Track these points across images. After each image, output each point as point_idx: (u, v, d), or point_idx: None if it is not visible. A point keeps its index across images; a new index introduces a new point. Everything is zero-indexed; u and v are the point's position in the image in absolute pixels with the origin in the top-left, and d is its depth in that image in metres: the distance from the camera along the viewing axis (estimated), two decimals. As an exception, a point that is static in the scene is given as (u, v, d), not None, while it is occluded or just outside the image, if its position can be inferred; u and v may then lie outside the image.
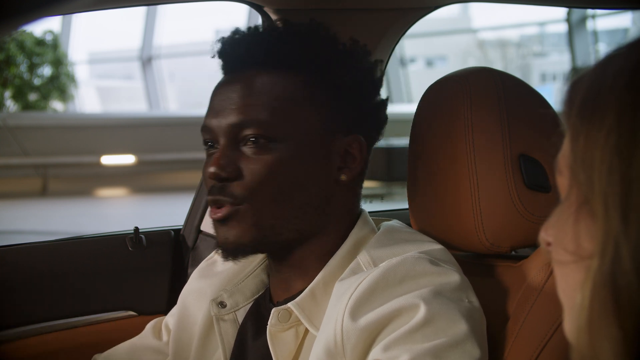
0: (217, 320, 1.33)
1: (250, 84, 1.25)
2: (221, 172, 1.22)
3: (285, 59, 1.26)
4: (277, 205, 1.23)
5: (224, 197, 1.23)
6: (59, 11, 1.31)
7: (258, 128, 1.22)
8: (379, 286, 1.13)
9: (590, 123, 0.66)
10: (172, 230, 1.96)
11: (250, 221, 1.22)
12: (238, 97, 1.25)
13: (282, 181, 1.23)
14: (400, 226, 1.31)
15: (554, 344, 1.15)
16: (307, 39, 1.28)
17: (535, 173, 1.27)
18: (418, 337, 1.07)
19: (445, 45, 20.46)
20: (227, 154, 1.24)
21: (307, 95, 1.25)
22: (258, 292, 1.37)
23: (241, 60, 1.28)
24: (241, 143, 1.24)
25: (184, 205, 2.09)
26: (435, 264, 1.17)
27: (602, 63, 0.68)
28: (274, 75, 1.25)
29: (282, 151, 1.22)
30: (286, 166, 1.23)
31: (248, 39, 1.29)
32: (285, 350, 1.21)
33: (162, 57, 12.89)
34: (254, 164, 1.22)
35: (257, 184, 1.22)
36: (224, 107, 1.26)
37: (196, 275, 1.45)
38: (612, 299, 0.63)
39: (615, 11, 3.82)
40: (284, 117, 1.23)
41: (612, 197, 0.63)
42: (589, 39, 9.84)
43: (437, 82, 1.39)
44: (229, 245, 1.24)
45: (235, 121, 1.24)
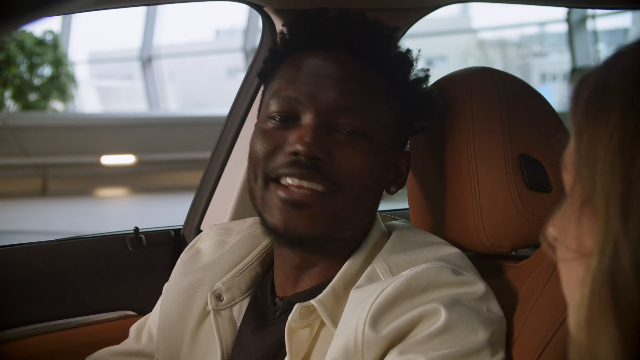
0: (215, 313, 1.30)
1: (349, 69, 1.21)
2: (315, 149, 1.16)
3: (382, 55, 1.24)
4: (360, 200, 1.20)
5: (318, 176, 1.16)
6: (59, 11, 1.31)
7: (356, 118, 1.18)
8: (402, 295, 1.12)
9: (595, 121, 0.66)
10: (172, 230, 1.95)
11: (331, 211, 1.18)
12: (340, 78, 1.20)
13: (368, 179, 1.20)
14: (410, 226, 1.31)
15: (556, 343, 1.15)
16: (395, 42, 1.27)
17: (535, 173, 1.27)
18: (435, 343, 1.07)
19: (445, 45, 20.44)
20: (319, 133, 1.17)
21: (391, 97, 1.24)
22: (253, 286, 1.34)
23: (339, 40, 1.22)
24: (331, 126, 1.19)
25: (184, 205, 2.09)
26: (458, 273, 1.16)
27: (609, 62, 0.68)
28: (366, 67, 1.23)
29: (370, 150, 1.20)
30: (374, 162, 1.21)
31: (345, 20, 1.25)
32: (300, 346, 1.19)
33: (162, 57, 12.88)
34: (350, 152, 1.18)
35: (353, 172, 1.18)
36: (322, 82, 1.19)
37: (180, 271, 1.40)
38: (610, 297, 0.63)
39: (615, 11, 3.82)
40: (377, 112, 1.22)
41: (614, 196, 0.64)
42: (589, 39, 9.83)
43: (437, 82, 1.39)
44: (295, 234, 1.18)
45: (337, 103, 1.18)
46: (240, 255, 1.36)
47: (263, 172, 1.20)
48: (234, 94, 1.86)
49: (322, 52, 1.23)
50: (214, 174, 1.90)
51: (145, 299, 1.87)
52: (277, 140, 1.19)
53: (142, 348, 1.45)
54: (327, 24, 1.24)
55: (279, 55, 1.29)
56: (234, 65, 15.90)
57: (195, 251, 1.43)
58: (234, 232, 1.42)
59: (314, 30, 1.25)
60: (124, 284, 1.86)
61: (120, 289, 1.85)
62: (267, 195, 1.20)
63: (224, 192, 1.88)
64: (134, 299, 1.86)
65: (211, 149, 1.93)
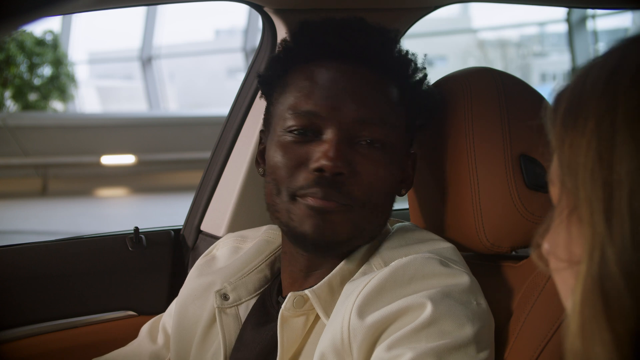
0: (220, 312, 1.32)
1: (369, 81, 1.22)
2: (339, 166, 1.17)
3: (393, 65, 1.25)
4: (377, 211, 1.23)
5: (340, 195, 1.18)
6: (59, 11, 1.31)
7: (378, 130, 1.20)
8: (388, 285, 1.13)
9: (574, 130, 0.68)
10: (172, 230, 1.95)
11: (353, 220, 1.20)
12: (361, 91, 1.21)
13: (387, 186, 1.23)
14: (412, 226, 1.32)
15: (555, 343, 1.15)
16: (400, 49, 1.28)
17: (535, 173, 1.27)
18: (422, 336, 1.07)
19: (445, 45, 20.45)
20: (342, 148, 1.19)
21: (398, 105, 1.26)
22: (261, 287, 1.36)
23: (352, 51, 1.23)
24: (353, 140, 1.20)
25: (184, 205, 2.09)
26: (445, 264, 1.17)
27: (582, 73, 0.70)
28: (382, 77, 1.24)
29: (387, 158, 1.22)
30: (391, 172, 1.23)
31: (356, 30, 1.25)
32: (293, 336, 1.20)
33: (162, 57, 12.88)
34: (371, 166, 1.20)
35: (373, 186, 1.20)
36: (342, 97, 1.21)
37: (195, 274, 1.44)
38: (601, 303, 0.64)
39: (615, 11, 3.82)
40: (393, 123, 1.23)
41: (596, 202, 0.65)
42: (589, 39, 9.83)
43: (437, 82, 1.39)
44: (322, 239, 1.20)
45: (359, 117, 1.20)
46: (251, 258, 1.38)
47: (287, 188, 1.21)
48: (234, 94, 1.87)
49: (334, 64, 1.23)
50: (214, 174, 1.90)
51: (145, 299, 1.87)
52: (299, 155, 1.20)
53: (157, 348, 1.47)
54: (335, 34, 1.25)
55: (283, 64, 1.29)
56: (234, 65, 15.90)
57: (211, 257, 1.46)
58: (248, 239, 1.46)
59: (324, 40, 1.25)
60: (124, 284, 1.87)
61: (120, 289, 1.85)
62: (295, 207, 1.21)
63: (224, 192, 1.88)
64: (134, 299, 1.86)
65: (211, 149, 1.93)
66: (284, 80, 1.27)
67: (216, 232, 1.87)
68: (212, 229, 1.90)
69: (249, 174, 1.80)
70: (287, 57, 1.28)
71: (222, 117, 1.94)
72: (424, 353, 1.06)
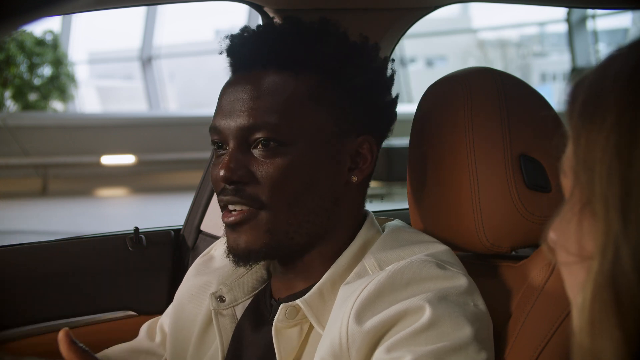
0: (216, 314, 1.33)
1: (260, 84, 1.23)
2: (232, 175, 1.21)
3: (295, 59, 1.24)
4: (291, 210, 1.22)
5: (241, 199, 1.21)
6: (59, 11, 1.31)
7: (268, 131, 1.21)
8: (385, 289, 1.13)
9: (591, 124, 0.66)
10: (172, 230, 1.96)
11: (264, 227, 1.21)
12: (248, 98, 1.23)
13: (296, 185, 1.21)
14: (404, 226, 1.31)
15: (555, 343, 1.15)
16: (316, 38, 1.26)
17: (535, 173, 1.27)
18: (421, 339, 1.07)
19: (445, 45, 20.46)
20: (237, 157, 1.22)
21: (317, 96, 1.24)
22: (257, 288, 1.36)
23: (250, 59, 1.26)
24: (251, 146, 1.22)
25: (183, 205, 2.09)
26: (442, 267, 1.17)
27: (603, 64, 0.69)
28: (283, 76, 1.23)
29: (293, 154, 1.21)
30: (298, 170, 1.21)
31: (257, 37, 1.27)
32: (289, 347, 1.20)
33: (162, 57, 12.89)
34: (267, 168, 1.21)
35: (273, 188, 1.20)
36: (233, 109, 1.24)
37: (193, 273, 1.44)
38: (613, 299, 0.63)
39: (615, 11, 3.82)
40: (295, 119, 1.22)
41: (613, 199, 0.63)
42: (589, 39, 9.83)
43: (437, 82, 1.39)
44: (240, 251, 1.23)
45: (245, 124, 1.22)
46: None
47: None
48: (234, 94, 1.86)
49: (237, 75, 1.27)
50: (214, 174, 1.90)
51: (145, 299, 1.87)
52: (217, 170, 1.25)
53: (154, 346, 1.47)
54: (242, 45, 1.27)
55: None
56: (234, 65, 15.85)
57: (209, 257, 1.46)
58: None
59: (233, 55, 1.28)
60: (124, 284, 1.87)
61: (120, 289, 1.86)
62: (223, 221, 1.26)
63: (224, 192, 1.88)
64: (134, 299, 1.87)
65: (211, 149, 1.93)
66: None
67: (216, 232, 1.87)
68: (212, 229, 1.90)
69: (249, 174, 1.80)
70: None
71: (222, 117, 1.94)
72: (423, 355, 1.06)
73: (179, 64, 17.96)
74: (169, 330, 1.41)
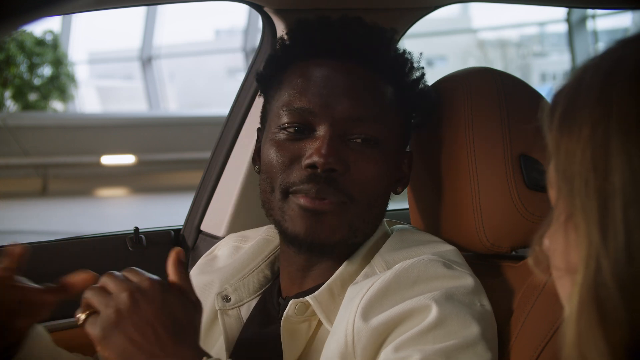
0: (222, 314, 1.32)
1: (363, 78, 1.23)
2: (330, 163, 1.17)
3: (389, 63, 1.26)
4: (370, 209, 1.23)
5: (335, 190, 1.18)
6: (59, 11, 1.31)
7: (369, 127, 1.21)
8: (392, 288, 1.13)
9: (569, 137, 0.66)
10: (172, 230, 1.95)
11: (349, 221, 1.20)
12: (353, 88, 1.21)
13: (381, 186, 1.23)
14: (412, 228, 1.33)
15: (555, 343, 1.15)
16: (396, 48, 1.29)
17: (535, 173, 1.27)
18: (429, 338, 1.07)
19: (445, 45, 20.45)
20: (335, 145, 1.19)
21: (399, 105, 1.26)
22: (262, 288, 1.36)
23: (348, 49, 1.24)
24: (346, 137, 1.21)
25: (183, 206, 2.09)
26: (449, 266, 1.17)
27: (577, 75, 0.68)
28: (380, 77, 1.25)
29: (381, 155, 1.22)
30: (386, 171, 1.23)
31: (353, 28, 1.26)
32: (296, 343, 1.20)
33: (162, 57, 12.88)
34: (364, 163, 1.20)
35: (366, 184, 1.20)
36: (334, 95, 1.21)
37: (196, 272, 1.44)
38: (597, 313, 0.63)
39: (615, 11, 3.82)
40: (389, 121, 1.23)
41: (591, 212, 0.63)
42: (589, 39, 9.83)
43: (437, 82, 1.39)
44: (316, 241, 1.20)
45: (351, 114, 1.20)
46: (251, 258, 1.38)
47: (280, 185, 1.22)
48: (234, 94, 1.86)
49: (330, 62, 1.24)
50: (214, 174, 1.90)
51: (145, 299, 1.87)
52: (292, 152, 1.21)
53: None
54: (331, 33, 1.26)
55: (280, 62, 1.29)
56: (234, 65, 15.90)
57: (212, 257, 1.47)
58: (249, 238, 1.46)
59: (320, 39, 1.26)
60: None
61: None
62: (287, 206, 1.21)
63: (224, 192, 1.88)
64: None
65: (211, 149, 1.93)
66: (280, 78, 1.28)
67: (216, 232, 1.87)
68: (212, 229, 1.90)
69: (249, 174, 1.80)
70: (283, 55, 1.29)
71: (222, 117, 1.94)
72: (432, 354, 1.06)
73: (179, 64, 17.96)
74: None
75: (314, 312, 1.20)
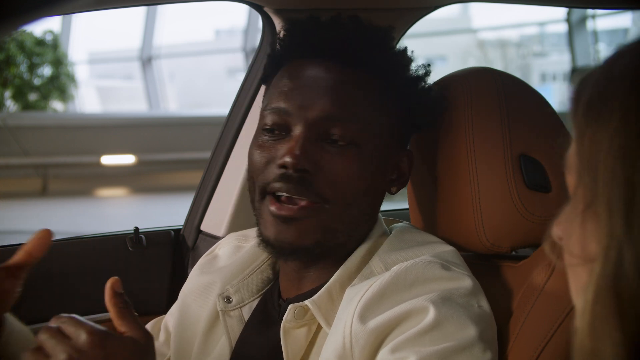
0: (224, 315, 1.32)
1: (339, 78, 1.22)
2: (300, 163, 1.17)
3: (373, 61, 1.24)
4: (348, 210, 1.21)
5: (306, 191, 1.18)
6: (59, 11, 1.31)
7: (345, 127, 1.19)
8: (389, 289, 1.13)
9: (596, 125, 0.65)
10: (172, 230, 1.95)
11: (321, 224, 1.19)
12: (328, 88, 1.21)
13: (359, 187, 1.21)
14: (411, 228, 1.31)
15: (555, 343, 1.15)
16: (387, 45, 1.28)
17: (535, 173, 1.27)
18: (426, 340, 1.07)
19: (445, 45, 20.44)
20: (308, 145, 1.19)
21: (383, 103, 1.25)
22: (263, 288, 1.36)
23: (327, 49, 1.23)
24: (322, 138, 1.20)
25: (183, 206, 2.09)
26: (447, 268, 1.17)
27: (609, 62, 0.67)
28: (360, 75, 1.23)
29: (361, 155, 1.21)
30: (364, 170, 1.21)
31: (334, 28, 1.25)
32: (297, 347, 1.20)
33: (162, 57, 12.88)
34: (338, 164, 1.19)
35: (341, 183, 1.19)
36: (309, 95, 1.20)
37: (197, 272, 1.44)
38: (614, 302, 0.62)
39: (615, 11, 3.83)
40: (368, 121, 1.22)
41: (616, 202, 0.62)
42: (589, 39, 9.83)
43: (437, 82, 1.39)
44: (285, 246, 1.20)
45: (324, 113, 1.19)
46: (252, 258, 1.38)
47: (259, 185, 1.23)
48: (234, 94, 1.87)
49: (313, 62, 1.24)
50: (214, 174, 1.90)
51: (146, 299, 1.87)
52: (270, 153, 1.21)
53: (157, 346, 1.47)
54: (317, 32, 1.25)
55: (274, 62, 1.30)
56: (234, 65, 15.90)
57: (213, 257, 1.46)
58: (250, 238, 1.45)
59: (305, 38, 1.26)
60: (124, 284, 1.85)
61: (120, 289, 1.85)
62: (262, 208, 1.22)
63: (224, 192, 1.88)
64: (134, 299, 1.85)
65: (211, 149, 1.93)
66: (272, 80, 1.28)
67: (216, 232, 1.87)
68: (212, 229, 1.90)
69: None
70: (275, 56, 1.30)
71: (222, 117, 1.94)
72: (428, 356, 1.06)
73: (179, 64, 17.96)
74: (174, 330, 1.41)
75: (313, 317, 1.20)
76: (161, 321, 1.52)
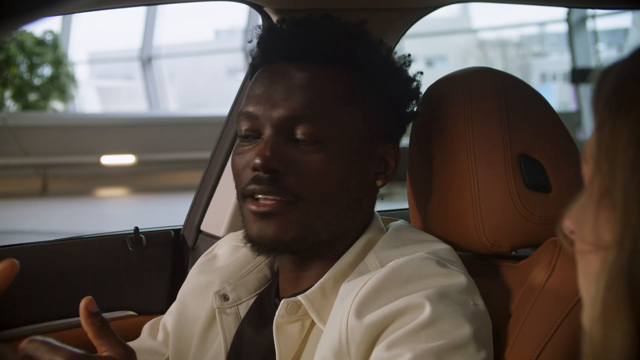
0: (220, 312, 1.33)
1: (303, 77, 1.23)
2: (269, 163, 1.19)
3: (335, 56, 1.24)
4: (324, 205, 1.22)
5: (277, 190, 1.20)
6: (59, 11, 1.31)
7: (311, 126, 1.21)
8: (385, 285, 1.14)
9: (617, 114, 0.65)
10: (172, 230, 1.96)
11: (296, 219, 1.21)
12: (292, 88, 1.22)
13: (332, 182, 1.22)
14: (408, 226, 1.32)
15: (555, 343, 1.15)
16: (357, 38, 1.28)
17: (535, 173, 1.27)
18: (422, 336, 1.08)
19: (445, 45, 20.47)
20: (275, 146, 1.21)
21: (354, 97, 1.25)
22: (261, 287, 1.36)
23: (290, 50, 1.25)
24: (289, 137, 1.22)
25: (183, 206, 2.09)
26: (442, 265, 1.17)
27: (634, 54, 0.67)
28: (322, 72, 1.24)
29: (330, 151, 1.21)
30: (335, 166, 1.22)
31: (297, 29, 1.27)
32: (290, 343, 1.21)
33: (162, 57, 12.89)
34: (307, 161, 1.20)
35: (311, 182, 1.20)
36: (274, 97, 1.22)
37: (196, 271, 1.44)
38: (627, 291, 0.62)
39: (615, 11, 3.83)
40: (334, 117, 1.22)
41: (633, 190, 0.63)
42: (589, 39, 9.84)
43: (437, 82, 1.39)
44: (267, 242, 1.21)
45: (288, 113, 1.21)
46: (250, 258, 1.38)
47: (238, 189, 1.25)
48: (234, 94, 1.87)
49: (278, 65, 1.25)
50: (213, 174, 1.90)
51: (145, 299, 1.87)
52: (245, 158, 1.24)
53: (156, 345, 1.47)
54: (280, 36, 1.27)
55: (251, 70, 1.32)
56: (234, 65, 15.92)
57: (212, 256, 1.46)
58: None
59: (268, 44, 1.28)
60: (124, 284, 1.86)
61: (120, 289, 1.85)
62: (244, 210, 1.25)
63: (224, 192, 1.88)
64: (134, 299, 1.86)
65: (211, 149, 1.93)
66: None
67: (216, 232, 1.87)
68: (212, 229, 1.90)
69: (249, 174, 1.80)
70: (252, 65, 1.32)
71: (222, 117, 1.94)
72: (423, 353, 1.06)
73: (179, 64, 17.99)
74: (172, 329, 1.42)
75: (306, 312, 1.21)
76: (159, 321, 1.52)
